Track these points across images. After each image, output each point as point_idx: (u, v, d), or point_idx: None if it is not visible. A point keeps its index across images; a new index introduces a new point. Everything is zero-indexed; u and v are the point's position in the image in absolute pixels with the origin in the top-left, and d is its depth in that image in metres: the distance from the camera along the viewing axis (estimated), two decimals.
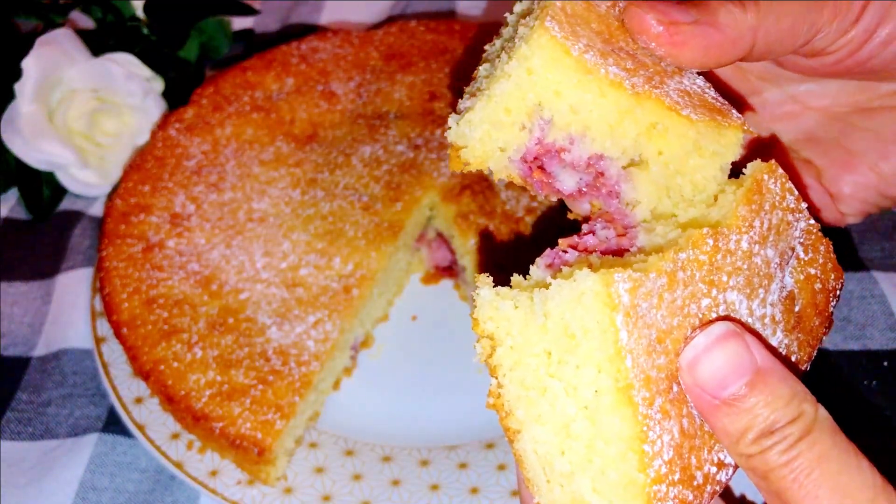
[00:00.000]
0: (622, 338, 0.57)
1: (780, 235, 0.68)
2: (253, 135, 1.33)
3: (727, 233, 0.64)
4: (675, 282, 0.60)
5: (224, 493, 1.05)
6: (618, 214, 0.69)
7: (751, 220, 0.66)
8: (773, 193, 0.68)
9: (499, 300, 0.63)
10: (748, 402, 0.60)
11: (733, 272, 0.64)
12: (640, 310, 0.58)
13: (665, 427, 0.60)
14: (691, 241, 0.62)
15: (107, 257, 1.18)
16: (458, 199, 1.25)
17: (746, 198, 0.66)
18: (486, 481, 1.07)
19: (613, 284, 0.57)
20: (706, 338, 0.61)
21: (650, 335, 0.59)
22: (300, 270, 1.17)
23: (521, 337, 0.62)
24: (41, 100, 1.39)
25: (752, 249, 0.66)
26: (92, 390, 1.20)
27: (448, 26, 1.48)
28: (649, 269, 0.59)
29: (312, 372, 1.09)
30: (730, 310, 0.64)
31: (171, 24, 1.56)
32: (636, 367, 0.58)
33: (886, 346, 1.19)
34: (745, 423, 0.60)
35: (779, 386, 0.61)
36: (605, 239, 0.68)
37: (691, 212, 0.69)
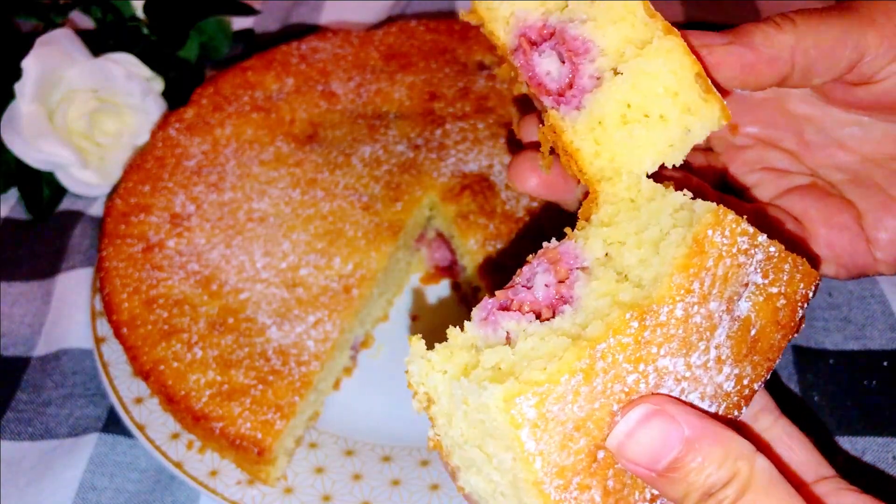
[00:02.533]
0: (529, 448, 0.58)
1: (728, 282, 0.65)
2: (253, 135, 1.33)
3: (657, 308, 0.62)
4: (594, 373, 0.60)
5: (224, 493, 1.05)
6: (565, 255, 0.68)
7: (688, 285, 0.63)
8: (719, 246, 0.64)
9: (429, 370, 0.65)
10: (681, 471, 0.61)
11: (665, 342, 0.62)
12: (550, 414, 0.58)
13: (584, 499, 0.61)
14: (612, 328, 0.60)
15: (107, 257, 1.18)
16: (458, 199, 1.25)
17: (684, 263, 0.63)
18: None
19: (516, 406, 0.57)
20: (626, 424, 0.61)
21: (565, 429, 0.59)
22: (300, 270, 1.17)
23: (449, 408, 0.64)
24: (41, 100, 1.39)
25: (689, 312, 0.63)
26: (92, 390, 1.20)
27: (448, 26, 1.48)
28: (561, 371, 0.58)
29: (312, 372, 1.09)
30: (661, 375, 0.63)
31: (171, 24, 1.56)
32: (547, 465, 0.59)
33: (886, 346, 1.19)
34: (683, 489, 0.62)
35: (711, 450, 0.61)
36: (541, 290, 0.66)
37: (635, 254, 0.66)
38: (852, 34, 0.76)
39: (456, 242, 1.26)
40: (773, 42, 0.74)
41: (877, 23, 0.76)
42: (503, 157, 1.29)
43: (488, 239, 1.21)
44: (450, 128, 1.33)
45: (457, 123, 1.34)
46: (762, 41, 0.74)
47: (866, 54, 0.76)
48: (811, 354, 1.19)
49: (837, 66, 0.77)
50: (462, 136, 1.32)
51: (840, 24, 0.76)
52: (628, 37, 0.69)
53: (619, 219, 0.69)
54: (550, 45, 0.71)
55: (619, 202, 0.70)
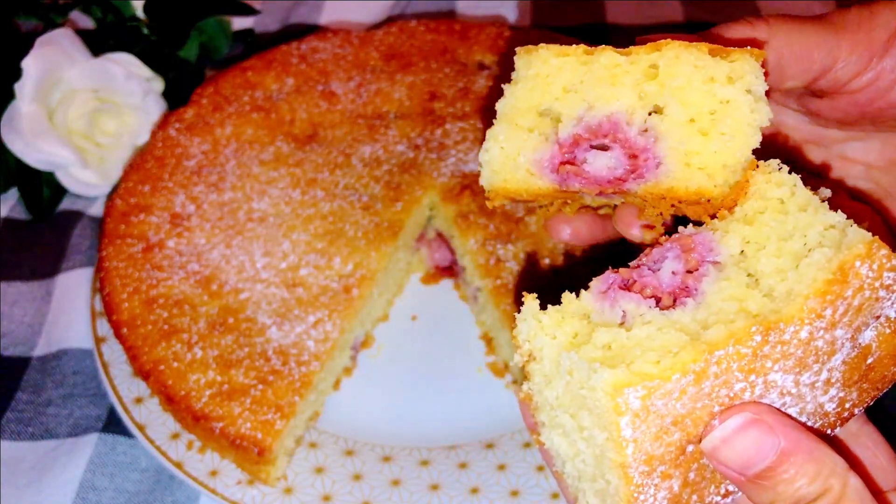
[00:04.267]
0: (625, 434, 0.58)
1: (861, 313, 0.63)
2: (253, 135, 1.33)
3: (784, 327, 0.60)
4: (705, 376, 0.59)
5: (224, 493, 1.05)
6: (699, 244, 0.66)
7: (821, 310, 0.60)
8: (863, 278, 0.61)
9: (538, 332, 0.64)
10: (773, 480, 0.61)
11: (781, 359, 0.61)
12: (653, 408, 0.58)
13: (663, 486, 0.61)
14: (734, 337, 0.59)
15: (107, 257, 1.18)
16: (458, 199, 1.25)
17: (823, 289, 0.60)
18: (486, 481, 1.07)
19: (623, 395, 0.57)
20: (723, 431, 0.61)
21: (663, 422, 0.59)
22: (300, 270, 1.17)
23: (550, 373, 0.64)
24: (41, 100, 1.39)
25: (814, 335, 0.61)
26: (92, 390, 1.20)
27: (448, 26, 1.48)
28: (674, 369, 0.58)
29: (312, 372, 1.09)
30: (768, 387, 0.62)
31: (171, 24, 1.56)
32: (638, 453, 0.59)
33: None
34: (770, 498, 0.61)
35: (804, 464, 0.61)
36: (667, 277, 0.65)
37: (772, 262, 0.63)
38: (826, 39, 0.76)
39: (456, 242, 1.26)
40: (746, 39, 0.76)
41: (850, 31, 0.76)
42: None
43: (488, 239, 1.21)
44: (450, 128, 1.33)
45: (457, 123, 1.34)
46: (734, 36, 0.76)
47: (839, 60, 0.77)
48: None
49: (810, 70, 0.77)
50: (462, 136, 1.32)
51: (814, 30, 0.77)
52: (638, 82, 0.67)
53: (765, 219, 0.66)
54: (584, 150, 0.68)
55: (769, 200, 0.67)
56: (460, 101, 1.37)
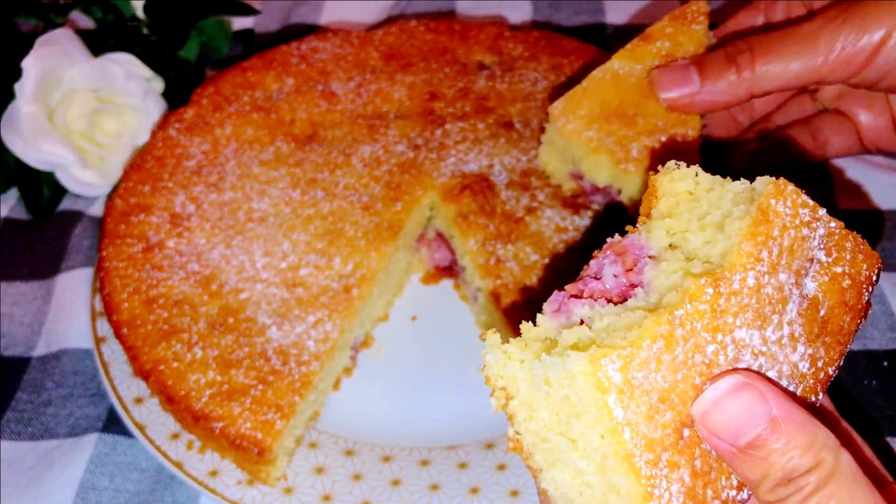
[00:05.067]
0: (617, 415, 0.58)
1: (794, 254, 0.66)
2: (253, 135, 1.33)
3: (730, 275, 0.62)
4: (674, 340, 0.60)
5: (224, 493, 1.05)
6: (631, 246, 0.69)
7: (757, 253, 0.64)
8: (783, 216, 0.66)
9: (506, 360, 0.65)
10: (763, 450, 0.60)
11: (739, 311, 0.63)
12: (635, 381, 0.58)
13: (673, 478, 0.61)
14: (688, 294, 0.61)
15: (107, 257, 1.18)
16: (458, 199, 1.25)
17: (751, 232, 0.64)
18: (486, 481, 1.07)
19: (602, 369, 0.57)
20: (714, 391, 0.61)
21: (651, 399, 0.59)
22: (300, 270, 1.17)
23: (530, 396, 0.64)
24: (41, 100, 1.39)
25: (761, 281, 0.64)
26: (92, 390, 1.20)
27: (448, 26, 1.48)
28: (642, 336, 0.59)
29: (312, 372, 1.09)
30: (739, 347, 0.63)
31: (171, 24, 1.56)
32: (636, 437, 0.58)
33: (886, 346, 1.19)
34: (762, 470, 0.60)
35: (796, 434, 0.60)
36: (611, 280, 0.67)
37: (699, 237, 0.67)
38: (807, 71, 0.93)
39: (456, 242, 1.26)
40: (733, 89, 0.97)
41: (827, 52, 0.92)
42: (503, 157, 1.29)
43: (488, 239, 1.21)
44: (450, 128, 1.33)
45: (457, 123, 1.34)
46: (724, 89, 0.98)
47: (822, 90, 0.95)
48: None
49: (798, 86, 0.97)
50: (462, 136, 1.32)
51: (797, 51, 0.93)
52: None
53: (680, 210, 0.70)
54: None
55: (678, 194, 0.71)
56: (460, 101, 1.37)
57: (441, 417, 1.17)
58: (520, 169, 1.28)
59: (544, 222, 1.22)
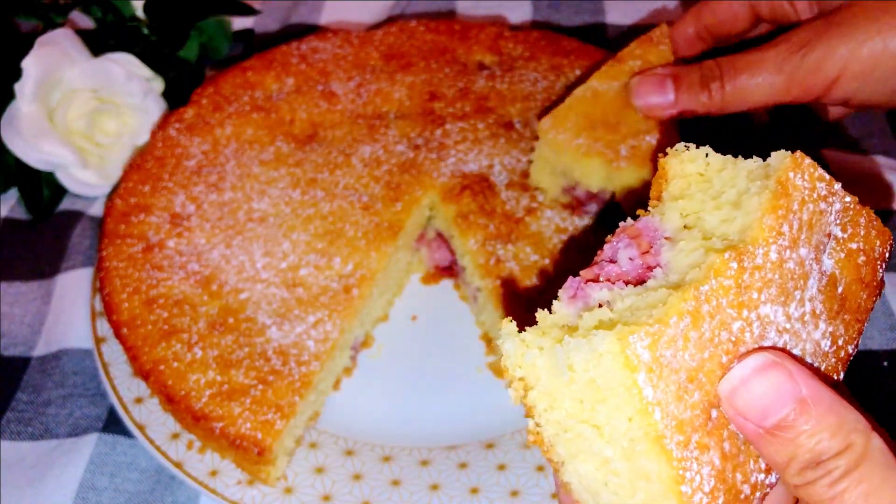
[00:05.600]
0: (647, 395, 0.56)
1: (813, 229, 0.65)
2: (253, 135, 1.33)
3: (752, 249, 0.61)
4: (700, 317, 0.58)
5: (224, 493, 1.05)
6: (646, 228, 0.67)
7: (778, 227, 0.62)
8: (801, 189, 0.64)
9: (524, 348, 0.62)
10: (791, 432, 0.58)
11: (763, 287, 0.62)
12: (664, 360, 0.57)
13: (704, 460, 0.59)
14: (713, 269, 0.59)
15: (107, 257, 1.18)
16: (458, 199, 1.25)
17: (771, 205, 0.62)
18: (486, 481, 1.07)
19: (630, 346, 0.55)
20: (742, 370, 0.59)
21: (679, 378, 0.58)
22: (300, 270, 1.17)
23: (551, 384, 0.62)
24: (41, 100, 1.39)
25: (783, 256, 0.63)
26: (92, 390, 1.20)
27: (448, 26, 1.48)
28: (669, 313, 0.57)
29: (312, 372, 1.09)
30: (764, 324, 0.62)
31: (171, 24, 1.56)
32: (666, 417, 0.57)
33: (886, 346, 1.19)
34: (790, 452, 0.58)
35: (825, 416, 0.58)
36: (627, 264, 0.66)
37: (715, 216, 0.66)
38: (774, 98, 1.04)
39: (456, 242, 1.26)
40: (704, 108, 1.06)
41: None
42: (503, 157, 1.29)
43: (488, 239, 1.21)
44: (450, 128, 1.33)
45: (457, 123, 1.34)
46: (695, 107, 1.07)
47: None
48: None
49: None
50: (462, 136, 1.32)
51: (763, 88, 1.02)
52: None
53: (692, 191, 0.68)
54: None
55: (688, 176, 0.69)
56: (460, 101, 1.37)
57: (441, 417, 1.17)
58: (520, 169, 1.28)
59: (544, 222, 1.22)
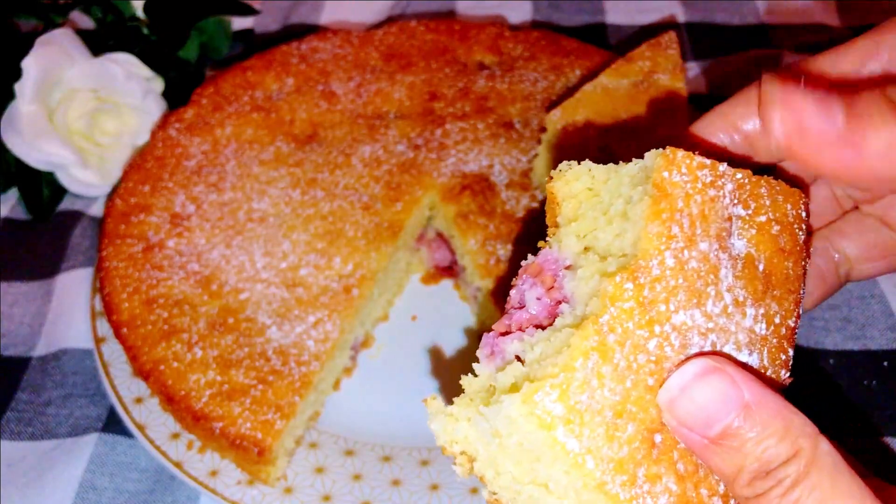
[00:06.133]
0: (572, 447, 0.54)
1: (708, 219, 0.62)
2: (253, 135, 1.33)
3: (645, 262, 0.58)
4: (609, 349, 0.56)
5: (224, 493, 1.05)
6: (546, 263, 0.66)
7: (667, 231, 0.59)
8: (682, 185, 0.61)
9: (454, 423, 0.61)
10: (737, 440, 0.56)
11: (669, 296, 0.59)
12: (580, 405, 0.55)
13: (657, 491, 0.57)
14: (607, 297, 0.57)
15: (107, 257, 1.18)
16: (458, 199, 1.25)
17: (652, 211, 0.60)
18: None
19: (538, 405, 0.54)
20: (681, 377, 0.57)
21: (605, 418, 0.55)
22: (300, 270, 1.17)
23: (488, 452, 0.60)
24: (41, 100, 1.39)
25: (681, 258, 0.60)
26: (92, 390, 1.20)
27: (448, 26, 1.48)
28: (573, 357, 0.55)
29: (312, 372, 1.09)
30: (683, 332, 0.59)
31: (171, 24, 1.56)
32: (601, 462, 0.55)
33: (886, 346, 1.19)
34: (737, 462, 0.56)
35: (771, 421, 0.56)
36: (535, 305, 0.64)
37: (608, 232, 0.63)
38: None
39: (456, 242, 1.26)
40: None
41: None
42: (503, 157, 1.29)
43: (488, 239, 1.21)
44: (450, 128, 1.33)
45: (457, 123, 1.34)
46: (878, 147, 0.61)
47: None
48: (811, 354, 1.19)
49: None
50: (462, 136, 1.32)
51: None
52: None
53: (583, 210, 0.66)
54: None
55: (578, 195, 0.67)
56: (460, 101, 1.37)
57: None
58: (520, 169, 1.28)
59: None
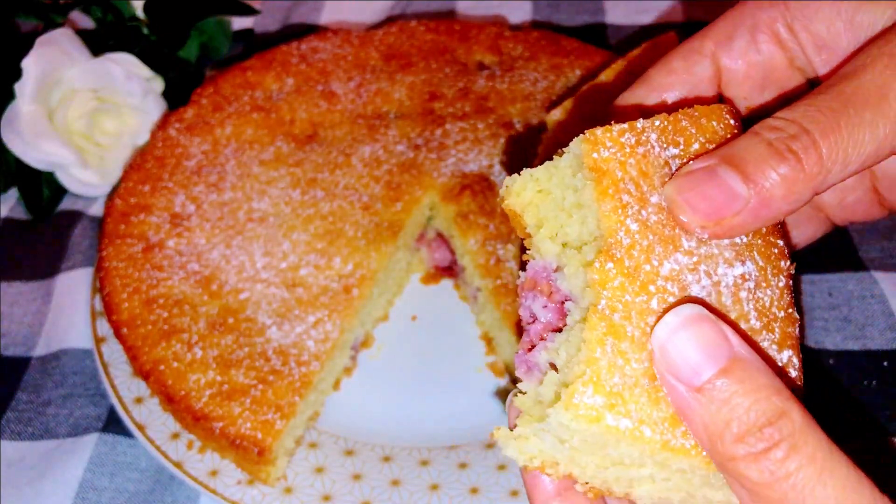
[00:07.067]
0: (625, 426, 0.58)
1: (648, 174, 0.65)
2: (253, 135, 1.33)
3: (614, 238, 0.62)
4: (618, 327, 0.60)
5: (224, 493, 1.05)
6: (536, 274, 0.69)
7: (619, 203, 0.63)
8: (613, 158, 0.64)
9: (524, 443, 0.66)
10: (725, 391, 0.55)
11: (649, 254, 0.62)
12: (617, 387, 0.59)
13: None
14: (597, 284, 0.61)
15: (107, 257, 1.18)
16: (458, 199, 1.25)
17: (599, 191, 0.63)
18: (486, 481, 1.07)
19: (580, 407, 0.58)
20: (675, 316, 0.58)
21: (643, 386, 0.59)
22: (300, 270, 1.17)
23: (565, 456, 0.65)
24: (41, 100, 1.39)
25: (642, 218, 0.63)
26: (92, 390, 1.20)
27: (448, 26, 1.48)
28: (592, 350, 0.59)
29: (312, 372, 1.09)
30: (676, 278, 0.62)
31: (171, 24, 1.56)
32: (656, 426, 0.59)
33: (886, 346, 1.19)
34: (725, 415, 0.55)
35: (758, 375, 0.56)
36: (544, 314, 0.68)
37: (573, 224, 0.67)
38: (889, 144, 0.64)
39: (456, 242, 1.26)
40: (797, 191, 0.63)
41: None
42: (503, 157, 1.29)
43: (488, 239, 1.21)
44: (450, 128, 1.33)
45: (457, 123, 1.34)
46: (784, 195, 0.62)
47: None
48: (811, 354, 1.19)
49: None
50: (462, 136, 1.32)
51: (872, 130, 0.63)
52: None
53: (544, 214, 0.70)
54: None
55: (533, 201, 0.71)
56: (460, 101, 1.37)
57: (441, 417, 1.17)
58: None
59: None
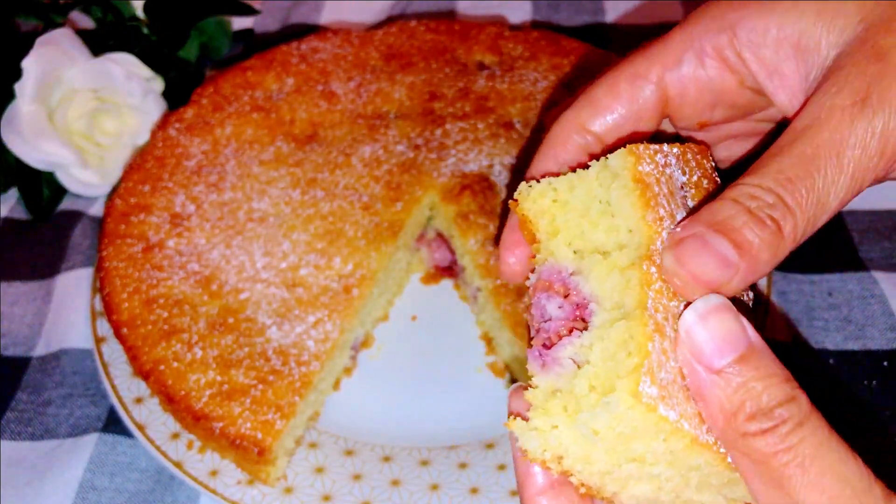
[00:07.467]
0: (672, 417, 0.60)
1: (673, 193, 0.69)
2: (253, 135, 1.33)
3: (654, 247, 0.64)
4: (661, 327, 0.62)
5: (224, 493, 1.05)
6: (550, 276, 0.69)
7: (657, 216, 0.65)
8: (652, 174, 0.67)
9: (542, 435, 0.65)
10: (742, 375, 0.60)
11: None
12: (664, 381, 0.61)
13: None
14: (643, 285, 0.62)
15: (107, 257, 1.18)
16: (458, 199, 1.25)
17: (643, 202, 0.65)
18: (486, 481, 1.07)
19: (643, 395, 0.59)
20: (704, 304, 0.62)
21: (679, 383, 0.62)
22: (300, 270, 1.17)
23: (580, 450, 0.65)
24: (41, 100, 1.39)
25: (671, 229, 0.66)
26: (92, 390, 1.21)
27: (448, 26, 1.48)
28: (643, 343, 0.60)
29: (312, 372, 1.09)
30: None
31: (171, 24, 1.56)
32: (691, 420, 0.61)
33: (886, 346, 1.19)
34: (741, 396, 0.60)
35: (771, 364, 0.61)
36: (559, 313, 0.68)
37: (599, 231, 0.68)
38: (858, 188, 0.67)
39: (456, 242, 1.26)
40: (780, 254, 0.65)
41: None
42: (503, 157, 1.29)
43: (488, 239, 1.21)
44: (450, 128, 1.33)
45: (457, 123, 1.34)
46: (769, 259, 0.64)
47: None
48: (811, 354, 1.19)
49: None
50: (462, 136, 1.32)
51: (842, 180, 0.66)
52: None
53: (560, 222, 0.70)
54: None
55: (548, 209, 0.71)
56: (460, 101, 1.37)
57: (441, 417, 1.17)
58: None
59: None
